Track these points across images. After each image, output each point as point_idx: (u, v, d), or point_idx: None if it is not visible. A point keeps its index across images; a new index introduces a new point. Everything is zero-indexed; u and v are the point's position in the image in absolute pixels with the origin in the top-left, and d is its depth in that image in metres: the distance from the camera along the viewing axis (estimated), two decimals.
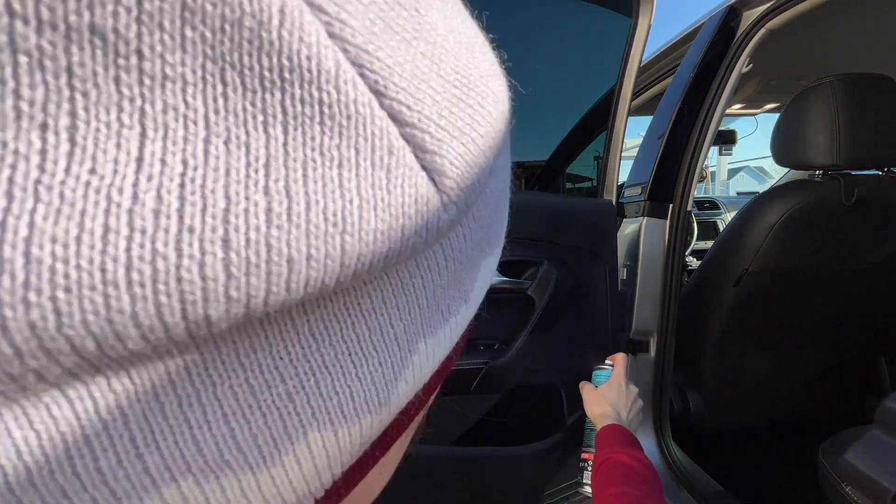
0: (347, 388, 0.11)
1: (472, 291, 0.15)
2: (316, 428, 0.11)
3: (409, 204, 0.10)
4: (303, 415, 0.11)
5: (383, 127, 0.09)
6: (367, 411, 0.12)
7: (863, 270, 1.26)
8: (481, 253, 0.15)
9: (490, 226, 0.15)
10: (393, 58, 0.10)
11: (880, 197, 1.16)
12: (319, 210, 0.09)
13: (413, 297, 0.12)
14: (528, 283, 0.89)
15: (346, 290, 0.11)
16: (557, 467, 1.00)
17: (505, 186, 0.16)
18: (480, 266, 0.15)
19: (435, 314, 0.13)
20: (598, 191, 1.09)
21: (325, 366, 0.11)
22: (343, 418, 0.11)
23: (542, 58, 1.24)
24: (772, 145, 1.22)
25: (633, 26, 1.00)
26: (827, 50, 1.52)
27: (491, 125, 0.12)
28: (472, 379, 0.85)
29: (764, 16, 1.12)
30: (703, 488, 1.15)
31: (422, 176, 0.10)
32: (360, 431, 0.12)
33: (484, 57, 0.13)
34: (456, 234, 0.13)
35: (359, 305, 0.11)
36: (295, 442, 0.11)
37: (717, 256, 1.30)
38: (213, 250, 0.08)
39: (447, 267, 0.13)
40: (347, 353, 0.11)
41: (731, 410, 1.40)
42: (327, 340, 0.11)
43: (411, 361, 0.12)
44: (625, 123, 1.05)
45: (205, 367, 0.09)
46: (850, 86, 1.06)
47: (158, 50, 0.07)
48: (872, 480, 0.77)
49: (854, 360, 1.48)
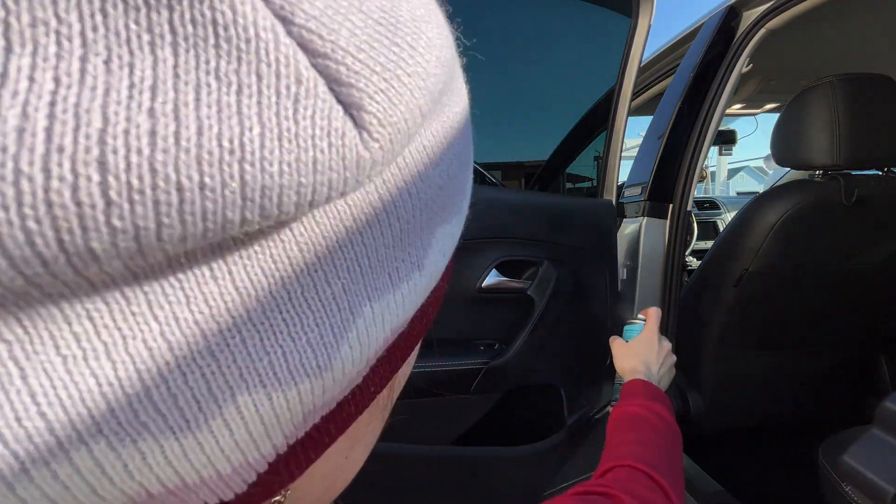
0: (279, 348, 0.10)
1: (425, 258, 0.14)
2: (245, 390, 0.10)
3: (320, 136, 0.09)
4: (228, 375, 0.10)
5: (289, 54, 0.09)
6: (305, 374, 0.11)
7: (863, 270, 1.26)
8: (434, 217, 0.14)
9: (442, 189, 0.14)
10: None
11: (880, 197, 1.16)
12: (213, 135, 0.08)
13: (351, 253, 0.11)
14: (528, 283, 0.89)
15: (271, 240, 0.10)
16: (557, 467, 1.00)
17: (460, 151, 0.16)
18: (436, 233, 0.14)
19: (380, 276, 0.12)
20: (598, 191, 1.09)
21: (252, 322, 0.10)
22: (276, 381, 0.10)
23: (542, 58, 1.24)
24: (772, 145, 1.22)
25: (633, 26, 1.00)
26: (827, 50, 1.52)
27: (422, 67, 0.12)
28: (472, 379, 0.85)
29: (764, 16, 1.12)
30: (703, 488, 1.15)
31: (336, 109, 0.10)
32: (298, 398, 0.11)
33: (421, 4, 0.13)
34: (399, 190, 0.12)
35: (287, 258, 0.10)
36: (222, 404, 0.10)
37: (717, 256, 1.30)
38: (87, 172, 0.07)
39: (390, 225, 0.12)
40: (277, 309, 0.10)
41: (731, 410, 1.40)
42: (253, 294, 0.10)
43: (355, 325, 0.12)
44: (625, 123, 1.05)
45: (111, 317, 0.08)
46: (850, 86, 1.06)
47: None
48: (872, 480, 0.77)
49: (854, 360, 1.48)
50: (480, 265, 0.85)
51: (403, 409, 0.82)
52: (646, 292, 1.21)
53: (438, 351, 0.85)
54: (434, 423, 0.88)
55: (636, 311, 1.21)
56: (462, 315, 0.88)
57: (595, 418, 1.06)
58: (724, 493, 1.14)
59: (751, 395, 1.40)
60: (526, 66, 1.25)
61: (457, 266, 0.96)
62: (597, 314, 1.02)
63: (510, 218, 0.88)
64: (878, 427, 0.82)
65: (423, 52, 0.12)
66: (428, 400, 0.84)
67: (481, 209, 0.85)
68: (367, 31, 0.10)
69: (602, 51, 1.19)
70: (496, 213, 0.86)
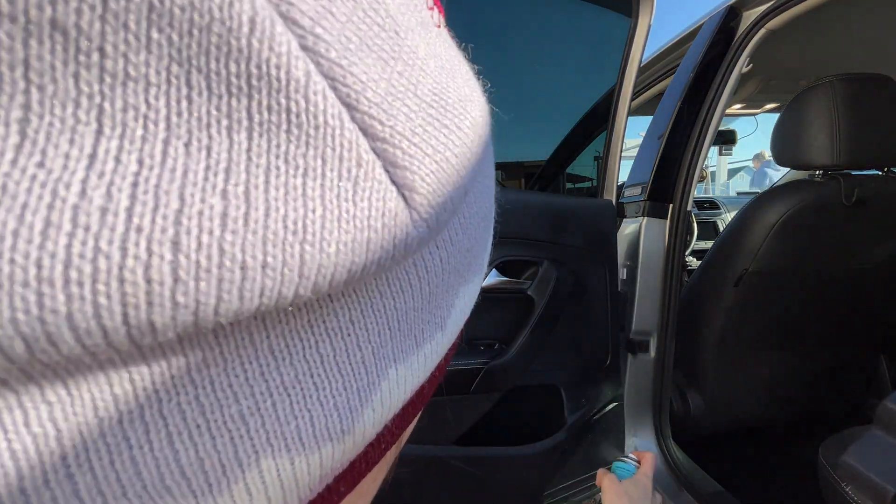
0: (307, 413, 0.10)
1: (448, 318, 0.14)
2: (270, 455, 0.10)
3: (375, 217, 0.10)
4: (256, 439, 0.10)
5: (353, 139, 0.09)
6: (329, 439, 0.11)
7: (863, 270, 1.26)
8: (459, 279, 0.14)
9: (469, 251, 0.14)
10: (367, 74, 0.10)
11: (880, 197, 1.16)
12: (279, 217, 0.09)
13: (384, 318, 0.12)
14: (528, 283, 0.89)
15: (309, 307, 0.10)
16: (558, 467, 1.00)
17: (487, 213, 0.16)
18: (459, 293, 0.15)
19: (407, 338, 0.12)
20: (598, 191, 1.09)
21: (284, 386, 0.10)
22: (301, 445, 0.10)
23: (542, 58, 1.24)
24: (772, 145, 1.22)
25: (633, 26, 1.00)
26: (827, 50, 1.52)
27: (467, 146, 0.12)
28: (472, 379, 0.85)
29: (764, 16, 1.12)
30: (703, 488, 1.15)
31: (391, 191, 0.10)
32: (319, 462, 0.11)
33: (465, 82, 0.13)
34: (431, 255, 0.13)
35: (324, 323, 0.11)
36: (246, 469, 0.10)
37: (717, 256, 1.30)
38: (160, 252, 0.07)
39: (421, 290, 0.12)
40: (309, 373, 0.10)
41: (731, 410, 1.40)
42: (288, 359, 0.10)
43: (380, 388, 0.12)
44: (625, 123, 1.05)
45: (151, 380, 0.09)
46: (850, 86, 1.06)
47: (122, 49, 0.07)
48: (872, 480, 0.77)
49: (854, 360, 1.48)
50: None
51: None
52: (646, 292, 1.21)
53: None
54: (434, 423, 0.88)
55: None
56: None
57: (595, 418, 1.06)
58: (724, 493, 1.14)
59: (751, 395, 1.40)
60: (526, 67, 1.25)
61: None
62: (597, 314, 1.02)
63: (510, 218, 0.88)
64: (878, 427, 0.82)
65: (468, 132, 0.12)
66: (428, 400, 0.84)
67: None
68: (421, 114, 0.11)
69: (602, 51, 1.19)
70: (496, 213, 0.86)
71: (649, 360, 1.24)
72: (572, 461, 1.02)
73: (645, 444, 1.27)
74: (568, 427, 0.98)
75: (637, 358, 1.24)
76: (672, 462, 1.23)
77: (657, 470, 1.23)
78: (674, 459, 1.23)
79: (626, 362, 1.24)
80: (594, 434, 1.05)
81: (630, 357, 1.24)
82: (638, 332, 1.23)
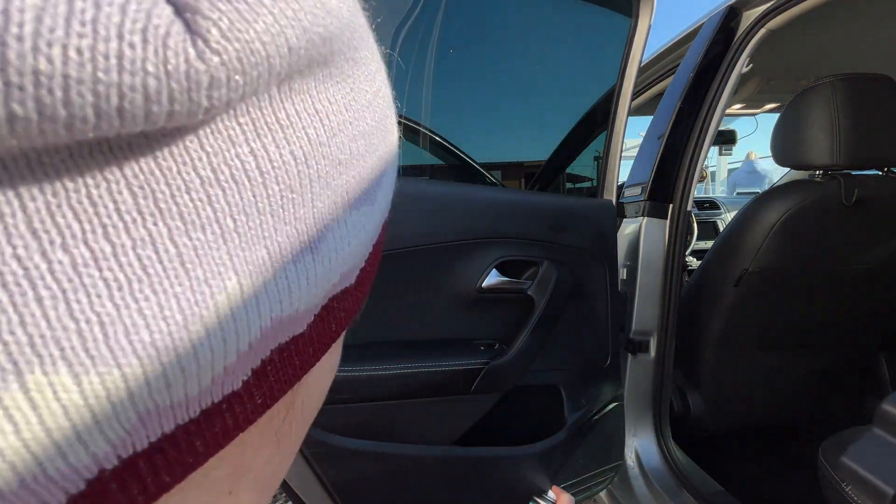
0: (93, 316, 0.08)
1: (321, 242, 0.12)
2: (38, 366, 0.08)
3: (130, 29, 0.08)
4: (17, 352, 0.08)
5: None
6: (133, 353, 0.09)
7: (863, 270, 1.26)
8: (335, 198, 0.13)
9: (343, 165, 0.13)
10: None
11: (880, 197, 1.16)
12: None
13: (208, 210, 0.10)
14: (528, 283, 0.89)
15: (90, 178, 0.08)
16: (558, 467, 1.00)
17: (370, 132, 0.14)
18: (340, 218, 0.13)
19: (254, 247, 0.11)
20: (598, 191, 1.09)
21: (62, 287, 0.08)
22: (89, 358, 0.08)
23: (542, 58, 1.24)
24: (772, 145, 1.22)
25: (633, 26, 1.00)
26: (827, 50, 1.52)
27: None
28: (473, 379, 0.85)
29: (764, 16, 1.12)
30: (703, 488, 1.15)
31: (162, 5, 0.08)
32: (124, 384, 0.09)
33: None
34: (278, 147, 0.11)
35: (113, 202, 0.09)
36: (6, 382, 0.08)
37: (717, 256, 1.30)
38: None
39: (266, 186, 0.11)
40: (97, 267, 0.09)
41: (731, 410, 1.40)
42: (82, 244, 0.08)
43: (213, 301, 0.10)
44: (625, 123, 1.05)
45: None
46: (850, 86, 1.06)
47: None
48: (872, 481, 0.77)
49: (854, 360, 1.48)
50: (480, 265, 0.85)
51: (404, 410, 0.82)
52: (646, 292, 1.21)
53: (439, 351, 0.85)
54: (434, 423, 0.88)
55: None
56: (462, 315, 0.88)
57: (595, 418, 1.06)
58: (724, 493, 1.14)
59: (751, 395, 1.40)
60: (526, 66, 1.25)
61: (457, 266, 0.96)
62: (597, 314, 1.02)
63: (510, 218, 0.88)
64: (878, 427, 0.82)
65: None
66: (428, 400, 0.84)
67: (481, 209, 0.85)
68: None
69: (602, 51, 1.19)
70: (496, 213, 0.86)
71: (649, 360, 1.24)
72: (572, 461, 1.02)
73: (645, 444, 1.27)
74: (568, 427, 0.98)
75: (637, 358, 1.24)
76: (672, 462, 1.23)
77: (657, 470, 1.23)
78: (674, 459, 1.23)
79: (626, 362, 1.24)
80: (594, 434, 1.05)
81: (630, 357, 1.24)
82: (638, 332, 1.23)
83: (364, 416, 0.80)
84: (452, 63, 1.16)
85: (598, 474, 1.09)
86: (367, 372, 0.78)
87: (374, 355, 0.80)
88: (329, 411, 0.78)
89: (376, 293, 0.74)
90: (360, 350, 0.81)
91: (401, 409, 0.82)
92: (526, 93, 1.28)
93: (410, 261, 0.80)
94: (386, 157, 0.16)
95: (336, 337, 0.14)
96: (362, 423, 0.80)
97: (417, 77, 1.10)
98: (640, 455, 1.26)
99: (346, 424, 0.79)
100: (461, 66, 1.19)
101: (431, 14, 1.07)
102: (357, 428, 0.80)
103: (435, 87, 1.11)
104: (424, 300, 0.85)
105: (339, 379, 0.76)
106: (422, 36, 1.08)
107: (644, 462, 1.25)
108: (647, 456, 1.26)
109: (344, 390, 0.77)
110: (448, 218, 0.82)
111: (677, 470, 1.21)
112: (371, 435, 0.81)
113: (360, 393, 0.78)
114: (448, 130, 1.13)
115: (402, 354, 0.82)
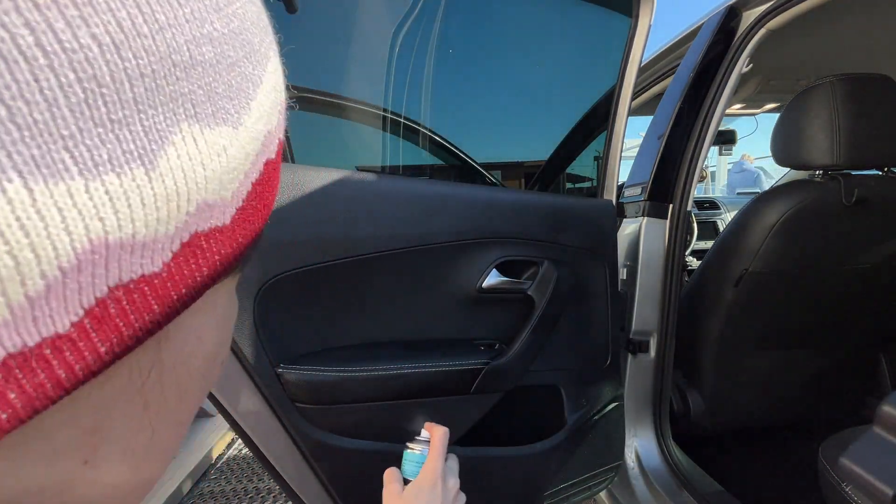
0: None
1: (158, 153, 0.11)
2: None
3: None
4: None
5: None
6: None
7: (863, 270, 1.26)
8: (173, 106, 0.11)
9: (180, 69, 0.11)
10: None
11: (880, 197, 1.16)
12: None
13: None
14: (528, 283, 0.89)
15: None
16: (558, 467, 1.00)
17: (221, 39, 0.13)
18: (180, 129, 0.11)
19: (53, 150, 0.09)
20: (598, 191, 1.09)
21: None
22: None
23: (542, 58, 1.24)
24: (772, 145, 1.22)
25: (633, 26, 1.00)
26: (827, 50, 1.52)
27: None
28: (473, 379, 0.85)
29: (764, 16, 1.12)
30: (703, 488, 1.15)
31: None
32: None
33: None
34: (77, 36, 0.09)
35: None
36: None
37: (717, 256, 1.30)
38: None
39: (67, 84, 0.09)
40: None
41: (731, 410, 1.40)
42: None
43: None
44: (625, 123, 1.05)
45: None
46: (850, 86, 1.06)
47: None
48: (872, 481, 0.77)
49: (854, 360, 1.48)
50: (481, 265, 0.85)
51: (404, 410, 0.82)
52: (646, 292, 1.21)
53: (439, 351, 0.85)
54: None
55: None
56: (462, 315, 0.88)
57: (595, 418, 1.06)
58: (724, 493, 1.14)
59: (751, 395, 1.40)
60: (526, 66, 1.25)
61: (457, 266, 0.95)
62: (597, 314, 1.02)
63: (510, 218, 0.88)
64: (878, 427, 0.82)
65: None
66: (428, 400, 0.84)
67: (481, 209, 0.85)
68: None
69: (602, 51, 1.19)
70: (496, 213, 0.86)
71: (649, 360, 1.24)
72: (572, 461, 1.02)
73: (645, 444, 1.27)
74: (568, 427, 0.98)
75: (637, 358, 1.24)
76: (672, 462, 1.23)
77: (657, 470, 1.23)
78: (674, 459, 1.23)
79: (626, 362, 1.24)
80: (594, 434, 1.05)
81: (630, 357, 1.24)
82: (638, 332, 1.23)
83: (364, 416, 0.80)
84: (452, 63, 1.16)
85: (598, 474, 1.09)
86: (367, 372, 0.78)
87: (374, 355, 0.80)
88: (329, 411, 0.78)
89: (376, 293, 0.75)
90: (361, 350, 0.81)
91: (401, 409, 0.82)
92: (526, 93, 1.28)
93: (410, 261, 0.80)
94: (253, 79, 0.14)
95: (206, 283, 0.13)
96: (362, 423, 0.80)
97: (417, 77, 1.10)
98: (640, 455, 1.26)
99: (346, 424, 0.79)
100: (461, 65, 1.19)
101: (431, 14, 1.07)
102: (357, 428, 0.80)
103: (434, 86, 1.11)
104: (425, 300, 0.85)
105: (339, 379, 0.76)
106: (421, 36, 1.08)
107: (644, 462, 1.25)
108: (647, 456, 1.26)
109: (344, 390, 0.77)
110: (448, 218, 0.82)
111: (677, 470, 1.21)
112: (371, 435, 0.81)
113: (360, 393, 0.78)
114: (448, 130, 1.13)
115: (403, 354, 0.82)
